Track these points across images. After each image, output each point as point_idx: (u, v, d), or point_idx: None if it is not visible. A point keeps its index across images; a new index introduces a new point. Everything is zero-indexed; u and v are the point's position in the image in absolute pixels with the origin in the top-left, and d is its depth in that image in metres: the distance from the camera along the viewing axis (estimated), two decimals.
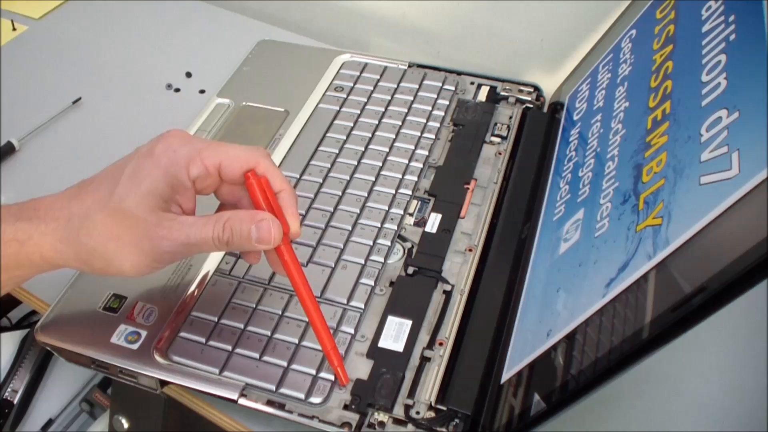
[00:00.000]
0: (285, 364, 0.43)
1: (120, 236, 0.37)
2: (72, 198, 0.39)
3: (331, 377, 0.42)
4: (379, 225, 0.51)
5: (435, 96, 0.61)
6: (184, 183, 0.38)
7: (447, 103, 0.61)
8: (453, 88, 0.62)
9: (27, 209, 0.39)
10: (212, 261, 0.49)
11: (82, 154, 0.60)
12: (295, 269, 0.40)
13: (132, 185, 0.37)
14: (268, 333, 0.44)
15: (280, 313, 0.45)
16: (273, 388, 0.42)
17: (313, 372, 0.42)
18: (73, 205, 0.38)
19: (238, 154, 0.39)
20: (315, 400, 0.41)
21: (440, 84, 0.62)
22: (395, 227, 0.51)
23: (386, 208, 0.52)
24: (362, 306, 0.46)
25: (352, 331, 0.45)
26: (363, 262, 0.48)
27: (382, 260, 0.49)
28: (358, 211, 0.52)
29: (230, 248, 0.38)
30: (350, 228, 0.50)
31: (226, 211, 0.38)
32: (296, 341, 0.44)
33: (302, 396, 0.41)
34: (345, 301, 0.46)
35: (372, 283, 0.47)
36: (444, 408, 0.41)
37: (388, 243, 0.50)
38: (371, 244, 0.49)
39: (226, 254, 0.49)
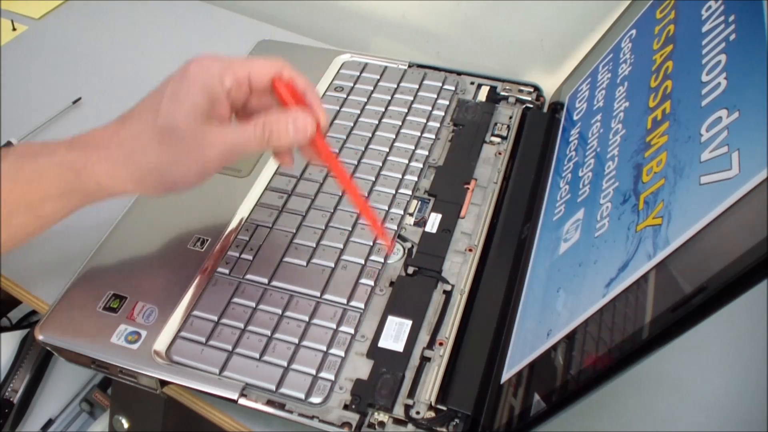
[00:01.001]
0: (285, 364, 0.43)
1: (171, 151, 0.40)
2: (119, 126, 0.41)
3: (332, 377, 0.42)
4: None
5: (435, 96, 0.61)
6: (220, 96, 0.41)
7: (447, 103, 0.61)
8: (453, 88, 0.62)
9: (77, 141, 0.42)
10: (212, 261, 0.49)
11: None
12: (330, 156, 0.44)
13: (175, 104, 0.40)
14: (268, 333, 0.44)
15: (280, 313, 0.45)
16: (273, 388, 0.42)
17: (313, 372, 0.42)
18: (122, 131, 0.41)
19: (263, 64, 0.43)
20: (315, 400, 0.41)
21: (440, 84, 0.62)
22: (395, 227, 0.51)
23: (386, 208, 0.52)
24: (362, 306, 0.46)
25: (352, 331, 0.45)
26: (363, 262, 0.48)
27: (382, 260, 0.49)
28: (358, 211, 0.52)
29: (270, 146, 0.42)
30: (350, 228, 0.50)
31: (266, 114, 0.42)
32: (296, 341, 0.44)
33: (302, 396, 0.41)
34: (345, 301, 0.46)
35: (372, 283, 0.47)
36: (444, 408, 0.41)
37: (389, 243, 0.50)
38: (371, 244, 0.49)
39: (226, 254, 0.49)
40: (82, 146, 0.41)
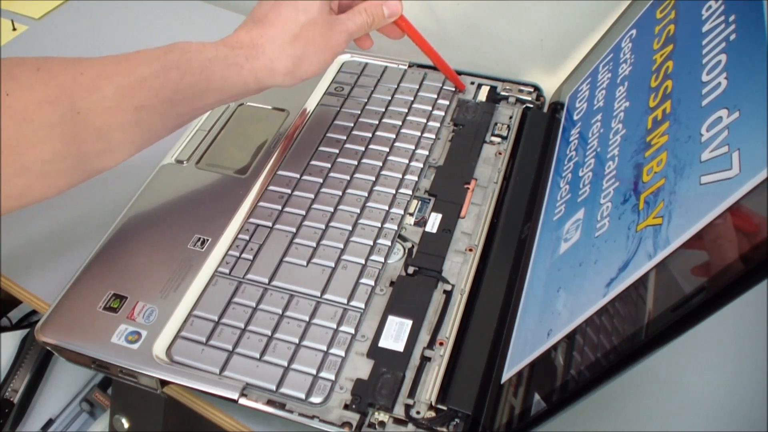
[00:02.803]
0: (285, 364, 0.43)
1: (315, 40, 0.48)
2: (262, 27, 0.47)
3: (332, 377, 0.42)
4: (379, 225, 0.51)
5: (435, 96, 0.61)
6: None
7: (447, 102, 0.61)
8: (453, 88, 0.62)
9: (233, 42, 0.47)
10: (212, 261, 0.49)
11: None
12: (411, 28, 0.55)
13: (310, 1, 0.47)
14: (269, 333, 0.44)
15: (280, 312, 0.45)
16: (273, 387, 0.42)
17: (314, 372, 0.42)
18: (267, 31, 0.47)
19: None
20: (315, 399, 0.41)
21: (440, 84, 0.62)
22: (395, 227, 0.51)
23: (386, 208, 0.52)
24: (362, 306, 0.46)
25: (352, 331, 0.45)
26: (363, 262, 0.48)
27: (382, 260, 0.49)
28: (359, 211, 0.52)
29: (371, 29, 0.52)
30: (350, 228, 0.50)
31: (361, 3, 0.51)
32: (296, 341, 0.44)
33: (302, 396, 0.41)
34: (345, 301, 0.46)
35: (372, 283, 0.47)
36: (444, 408, 0.41)
37: (389, 243, 0.50)
38: (371, 244, 0.49)
39: (227, 254, 0.49)
40: (240, 46, 0.46)
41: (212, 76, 0.45)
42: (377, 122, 0.59)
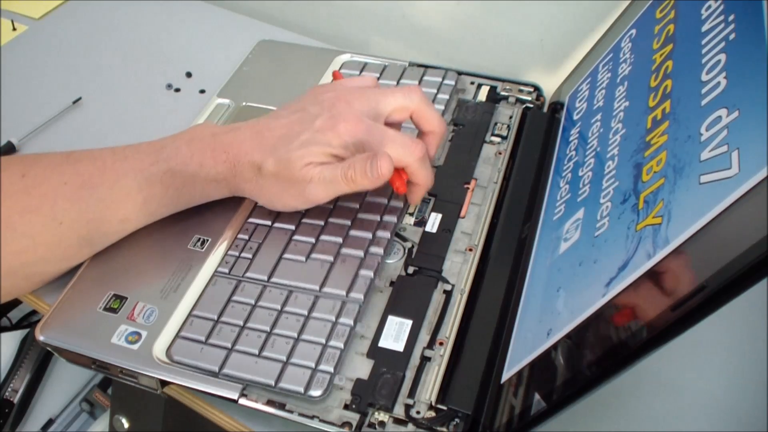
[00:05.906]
0: (284, 358, 0.43)
1: (282, 191, 0.46)
2: (257, 143, 0.46)
3: (331, 369, 0.42)
4: (378, 219, 0.51)
5: (435, 91, 0.61)
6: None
7: (447, 97, 0.60)
8: (453, 83, 0.62)
9: (218, 149, 0.46)
10: (212, 261, 0.49)
11: None
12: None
13: (301, 154, 0.45)
14: (267, 329, 0.44)
15: (279, 308, 0.45)
16: (272, 383, 0.42)
17: (312, 365, 0.42)
18: (255, 153, 0.46)
19: (402, 142, 0.46)
20: (314, 393, 0.41)
21: (440, 79, 0.62)
22: (395, 223, 0.51)
23: (386, 204, 0.52)
24: (361, 297, 0.46)
25: (351, 322, 0.44)
26: (362, 255, 0.48)
27: (381, 252, 0.48)
28: (358, 206, 0.51)
29: (357, 185, 0.44)
30: (350, 222, 0.50)
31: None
32: (295, 335, 0.44)
33: (301, 390, 0.41)
34: (344, 293, 0.46)
35: (371, 275, 0.47)
36: (444, 407, 0.41)
37: (387, 235, 0.49)
38: (371, 237, 0.49)
39: (227, 254, 0.49)
40: (224, 159, 0.46)
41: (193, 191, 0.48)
42: None
